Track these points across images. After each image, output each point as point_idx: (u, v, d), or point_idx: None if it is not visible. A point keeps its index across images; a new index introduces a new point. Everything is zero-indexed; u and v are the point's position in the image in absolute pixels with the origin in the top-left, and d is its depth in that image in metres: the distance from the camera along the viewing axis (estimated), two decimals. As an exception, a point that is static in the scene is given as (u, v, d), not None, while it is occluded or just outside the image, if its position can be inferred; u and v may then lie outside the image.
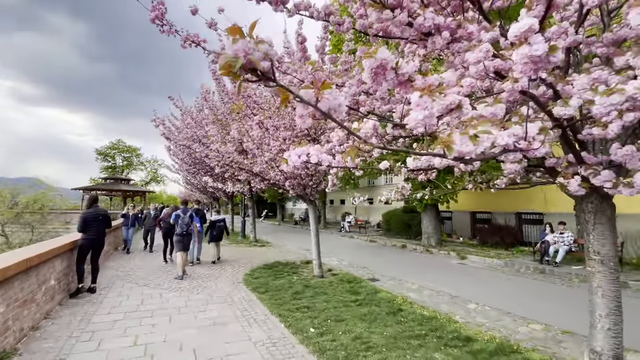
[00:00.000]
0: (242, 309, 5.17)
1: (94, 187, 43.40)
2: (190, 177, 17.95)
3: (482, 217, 15.69)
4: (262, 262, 9.38)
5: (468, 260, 10.43)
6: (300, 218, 27.84)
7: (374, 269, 9.08)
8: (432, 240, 12.61)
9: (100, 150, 52.67)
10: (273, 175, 7.05)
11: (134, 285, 6.32)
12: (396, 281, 7.72)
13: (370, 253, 12.13)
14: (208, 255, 9.53)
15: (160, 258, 9.48)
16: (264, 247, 13.06)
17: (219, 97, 11.35)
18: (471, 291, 6.84)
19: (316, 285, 6.89)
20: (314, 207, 8.09)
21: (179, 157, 14.11)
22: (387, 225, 17.58)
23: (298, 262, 9.55)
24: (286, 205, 36.60)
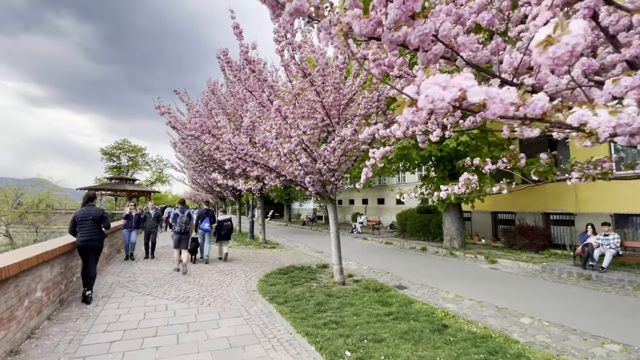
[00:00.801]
0: (261, 324, 4.40)
1: (99, 187, 43.09)
2: (197, 175, 17.27)
3: (504, 218, 14.80)
4: (276, 266, 8.61)
5: (499, 264, 9.57)
6: (309, 218, 27.08)
7: (398, 274, 8.26)
8: (455, 242, 11.76)
9: (106, 150, 52.39)
10: (291, 170, 6.28)
11: (135, 295, 5.57)
12: (427, 289, 6.90)
13: (389, 256, 11.31)
14: (214, 253, 8.79)
15: (166, 262, 8.77)
16: (275, 249, 12.30)
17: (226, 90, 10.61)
18: (517, 301, 6.01)
19: (340, 294, 6.11)
20: (334, 206, 7.31)
21: (185, 154, 13.41)
22: (402, 226, 16.74)
23: (314, 266, 8.77)
24: (292, 205, 35.86)
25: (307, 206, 35.47)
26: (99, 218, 5.57)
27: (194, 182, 22.68)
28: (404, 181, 21.59)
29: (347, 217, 27.03)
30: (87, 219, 5.39)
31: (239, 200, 19.92)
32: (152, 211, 9.86)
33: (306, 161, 5.58)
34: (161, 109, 5.31)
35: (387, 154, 3.72)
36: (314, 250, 12.57)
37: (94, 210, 5.64)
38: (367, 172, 3.96)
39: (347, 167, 6.73)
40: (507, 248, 11.84)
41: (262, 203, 14.35)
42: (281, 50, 5.33)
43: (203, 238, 9.07)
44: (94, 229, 5.41)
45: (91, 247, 5.33)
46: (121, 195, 45.21)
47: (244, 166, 6.55)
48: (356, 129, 5.24)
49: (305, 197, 31.09)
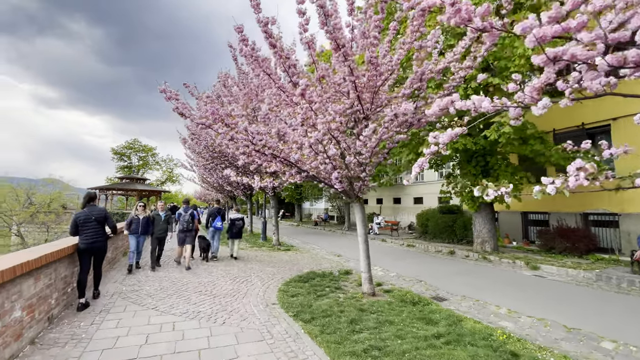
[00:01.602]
0: (288, 352, 3.57)
1: (110, 186, 43.10)
2: (207, 174, 16.60)
3: (535, 218, 13.71)
4: (294, 272, 7.79)
5: (542, 271, 8.56)
6: (321, 218, 26.25)
7: (432, 283, 7.35)
8: (487, 245, 10.76)
9: (117, 150, 52.50)
10: (315, 164, 5.44)
11: (138, 309, 4.80)
12: (471, 302, 5.98)
13: (416, 261, 10.38)
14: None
15: (174, 267, 8.04)
16: (290, 252, 11.50)
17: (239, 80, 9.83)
18: (586, 319, 5.05)
19: (373, 308, 5.25)
20: (361, 206, 6.45)
21: (194, 151, 12.72)
22: (423, 228, 15.75)
23: (336, 273, 7.92)
24: (303, 205, 35.07)
25: (318, 206, 34.63)
26: (102, 219, 5.30)
27: (204, 181, 22.05)
28: (423, 180, 20.55)
29: (360, 217, 26.15)
30: (90, 221, 5.09)
31: (250, 200, 19.20)
32: (161, 213, 8.05)
33: (335, 153, 4.73)
34: (167, 94, 4.53)
35: (455, 138, 2.84)
36: (331, 253, 11.73)
37: (97, 210, 5.32)
38: (423, 163, 3.10)
39: (377, 161, 5.86)
40: (544, 252, 10.79)
41: (276, 202, 13.56)
42: (306, 23, 4.51)
43: (213, 236, 9.37)
44: (98, 231, 5.15)
45: (96, 249, 5.07)
46: (132, 194, 45.18)
47: (261, 160, 5.74)
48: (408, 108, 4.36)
49: (317, 197, 30.24)
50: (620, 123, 10.93)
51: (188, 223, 8.17)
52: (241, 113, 5.13)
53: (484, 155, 10.10)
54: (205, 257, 9.08)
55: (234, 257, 9.44)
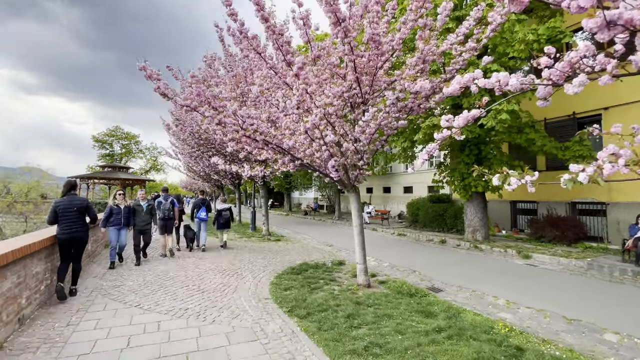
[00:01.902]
0: (284, 352, 3.32)
1: (91, 175, 41.65)
2: (192, 162, 16.03)
3: (524, 207, 13.83)
4: (286, 264, 7.54)
5: (534, 259, 8.58)
6: (311, 208, 26.05)
7: (426, 273, 7.23)
8: (478, 234, 10.75)
9: (98, 137, 50.61)
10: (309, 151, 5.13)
11: (120, 307, 4.46)
12: (468, 292, 5.88)
13: (407, 250, 10.30)
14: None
15: (159, 260, 7.68)
16: (280, 242, 11.24)
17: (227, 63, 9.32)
18: (585, 309, 5.00)
19: (369, 301, 5.06)
20: (357, 196, 6.21)
21: (179, 138, 12.17)
22: (413, 217, 15.73)
23: (329, 264, 7.72)
24: (292, 194, 34.76)
25: (308, 195, 34.40)
26: (83, 209, 5.07)
27: (190, 170, 21.40)
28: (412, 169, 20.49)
29: (349, 206, 26.03)
30: (70, 210, 4.87)
31: (238, 189, 18.75)
32: (143, 203, 7.27)
33: (333, 139, 4.42)
34: (147, 71, 4.09)
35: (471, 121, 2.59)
36: (322, 243, 11.54)
37: (78, 199, 5.10)
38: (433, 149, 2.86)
39: (374, 149, 5.59)
40: (534, 240, 10.87)
41: (265, 192, 13.21)
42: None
43: (199, 227, 9.22)
44: (78, 221, 4.93)
45: (76, 240, 4.85)
46: (115, 184, 43.81)
47: (252, 147, 5.38)
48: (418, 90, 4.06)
49: (307, 186, 29.96)
50: (612, 112, 10.96)
51: (169, 211, 8.16)
52: (230, 95, 4.74)
53: (477, 144, 9.96)
54: (191, 247, 9.04)
55: (223, 246, 9.47)
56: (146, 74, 4.11)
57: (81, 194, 40.68)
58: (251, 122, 4.53)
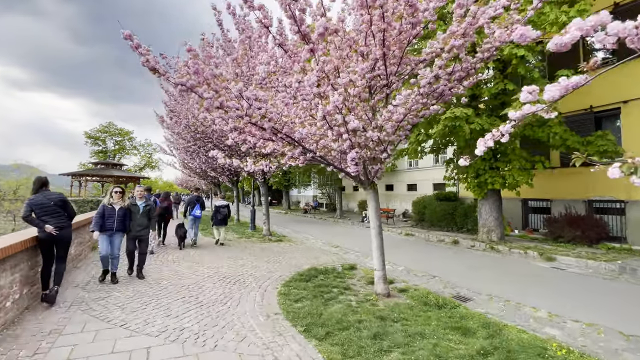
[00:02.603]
0: (306, 392, 2.63)
1: (83, 172, 40.53)
2: (188, 158, 15.24)
3: (536, 206, 13.24)
4: (293, 269, 6.85)
5: (559, 262, 7.97)
6: (310, 206, 25.34)
7: (448, 278, 6.58)
8: (493, 234, 10.13)
9: (90, 133, 49.35)
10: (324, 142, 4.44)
11: (103, 327, 3.73)
12: (501, 302, 5.22)
13: (419, 252, 9.65)
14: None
15: (152, 267, 6.95)
16: (282, 243, 10.54)
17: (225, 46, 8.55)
18: (635, 321, 4.37)
19: (394, 314, 4.39)
20: (375, 193, 5.51)
21: (174, 132, 11.38)
22: (420, 215, 15.10)
23: (339, 268, 7.04)
24: (291, 192, 34.02)
25: (307, 193, 33.69)
26: (62, 203, 4.68)
27: (185, 167, 20.57)
28: (417, 166, 19.86)
29: (351, 204, 25.36)
30: (47, 205, 4.50)
31: (236, 186, 17.99)
32: (140, 202, 6.07)
33: (357, 126, 3.71)
34: (133, 41, 3.36)
35: (570, 91, 1.90)
36: (327, 243, 10.85)
37: (54, 195, 4.71)
38: (507, 131, 2.22)
39: (398, 140, 4.89)
40: (551, 241, 10.27)
41: (266, 189, 12.49)
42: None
43: (192, 224, 9.28)
44: (59, 216, 4.56)
45: (59, 237, 4.47)
46: (108, 181, 42.73)
47: (257, 138, 4.67)
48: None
49: (306, 184, 29.24)
50: (632, 106, 10.37)
51: None
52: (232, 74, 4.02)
53: (495, 138, 9.31)
54: (182, 246, 8.94)
55: (220, 243, 9.53)
56: (132, 45, 3.37)
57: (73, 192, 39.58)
58: (258, 105, 3.81)
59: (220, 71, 4.58)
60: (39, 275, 4.52)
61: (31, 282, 4.32)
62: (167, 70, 3.56)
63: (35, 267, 4.52)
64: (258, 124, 4.15)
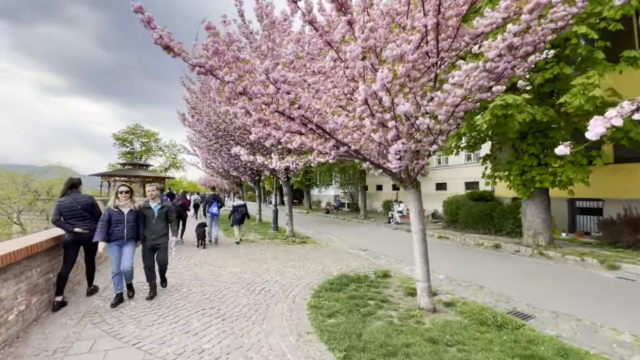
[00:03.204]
0: None
1: (111, 173, 41.90)
2: (211, 158, 15.02)
3: (584, 206, 11.99)
4: (322, 275, 6.26)
5: (624, 271, 6.93)
6: (333, 206, 24.72)
7: (498, 289, 5.78)
8: (540, 238, 9.12)
9: (118, 135, 50.97)
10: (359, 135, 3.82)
11: (113, 345, 3.28)
12: (572, 322, 4.39)
13: (458, 258, 8.80)
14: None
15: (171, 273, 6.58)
16: (307, 245, 9.99)
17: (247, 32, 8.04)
18: None
19: (446, 336, 3.69)
20: (418, 193, 4.83)
21: (196, 130, 11.10)
22: (452, 216, 14.13)
23: (371, 275, 6.39)
24: (311, 192, 33.52)
25: (328, 192, 33.10)
26: (89, 207, 4.69)
27: (208, 166, 20.50)
28: (447, 163, 18.78)
29: (374, 204, 24.52)
30: (75, 209, 4.55)
31: (258, 186, 17.65)
32: (154, 204, 5.00)
33: (408, 110, 3.06)
34: (144, 15, 2.87)
35: None
36: (354, 246, 10.19)
37: (82, 198, 4.72)
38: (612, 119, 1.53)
39: (449, 130, 4.18)
40: (607, 245, 9.13)
41: (289, 189, 11.99)
42: None
43: (211, 222, 9.56)
44: (86, 220, 4.59)
45: (84, 241, 4.54)
46: (135, 181, 43.92)
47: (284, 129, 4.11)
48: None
49: (327, 183, 28.66)
50: None
51: None
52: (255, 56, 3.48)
53: (544, 130, 8.33)
54: (203, 244, 9.05)
55: (237, 242, 9.73)
56: (143, 19, 2.88)
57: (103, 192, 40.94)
58: (287, 89, 3.23)
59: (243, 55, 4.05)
60: (52, 280, 4.18)
61: (41, 290, 3.96)
62: (183, 50, 3.05)
63: (48, 273, 4.18)
64: (286, 113, 3.58)
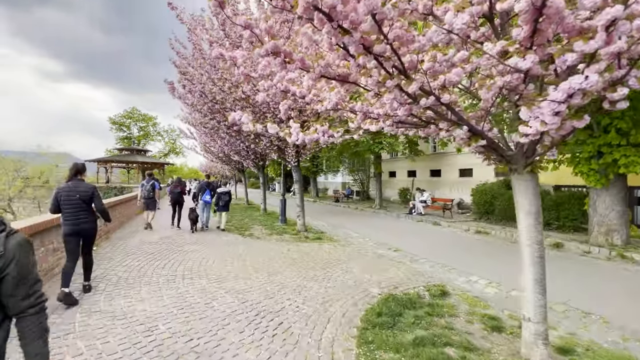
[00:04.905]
0: None
1: (109, 158, 40.10)
2: (208, 139, 13.19)
3: (648, 196, 10.15)
4: (357, 295, 4.52)
5: None
6: (343, 194, 22.98)
7: (615, 319, 4.03)
8: (615, 236, 7.34)
9: (115, 119, 48.96)
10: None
11: None
12: None
13: (512, 261, 7.05)
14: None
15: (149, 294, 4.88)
16: (324, 243, 8.28)
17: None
18: None
19: None
20: (533, 182, 3.03)
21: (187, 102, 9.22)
22: (484, 207, 12.33)
23: (425, 295, 4.67)
24: (318, 179, 31.73)
25: (335, 180, 31.31)
26: (88, 198, 4.20)
27: (207, 151, 18.69)
28: (472, 147, 16.82)
29: (387, 192, 22.73)
30: (73, 198, 4.10)
31: (262, 172, 15.88)
32: None
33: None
34: None
35: None
36: (380, 244, 8.44)
37: (83, 186, 4.24)
38: None
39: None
40: (699, 246, 7.36)
41: (300, 175, 10.21)
42: None
43: (203, 209, 9.82)
44: (83, 211, 4.17)
45: (82, 234, 4.19)
46: (133, 167, 42.23)
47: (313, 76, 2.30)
48: None
49: (335, 169, 26.83)
50: None
51: (149, 192, 9.62)
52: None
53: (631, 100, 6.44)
54: (194, 229, 9.37)
55: (221, 229, 9.70)
56: None
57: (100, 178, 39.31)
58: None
59: None
60: None
61: None
62: None
63: None
64: (339, 31, 1.73)
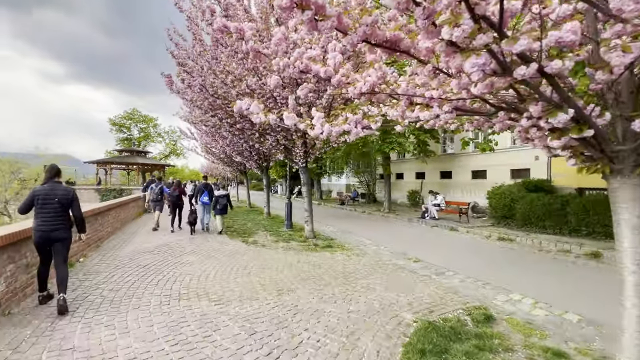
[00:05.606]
0: None
1: (108, 160, 39.43)
2: (209, 139, 12.48)
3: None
4: (389, 326, 3.78)
5: None
6: (349, 197, 22.22)
7: None
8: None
9: (115, 120, 48.29)
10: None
11: None
12: None
13: (555, 277, 6.29)
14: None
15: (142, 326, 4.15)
16: (336, 253, 7.53)
17: None
18: None
19: None
20: (635, 189, 2.25)
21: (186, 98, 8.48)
22: (502, 211, 11.57)
23: (468, 322, 3.92)
24: (322, 181, 31.00)
25: (339, 182, 30.58)
26: (67, 202, 3.96)
27: (208, 152, 17.99)
28: (485, 148, 16.07)
29: (394, 194, 21.95)
30: (50, 201, 3.86)
31: (266, 174, 15.16)
32: None
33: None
34: None
35: None
36: (397, 254, 7.68)
37: (62, 189, 3.98)
38: None
39: None
40: None
41: (307, 177, 9.47)
42: None
43: (202, 210, 9.94)
44: (59, 216, 3.90)
45: (54, 239, 3.85)
46: (133, 169, 41.54)
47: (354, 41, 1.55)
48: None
49: (339, 171, 26.11)
50: None
51: (157, 194, 10.40)
52: None
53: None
54: (193, 231, 9.53)
55: (220, 233, 9.64)
56: None
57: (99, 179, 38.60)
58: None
59: None
60: None
61: None
62: None
63: None
64: None
